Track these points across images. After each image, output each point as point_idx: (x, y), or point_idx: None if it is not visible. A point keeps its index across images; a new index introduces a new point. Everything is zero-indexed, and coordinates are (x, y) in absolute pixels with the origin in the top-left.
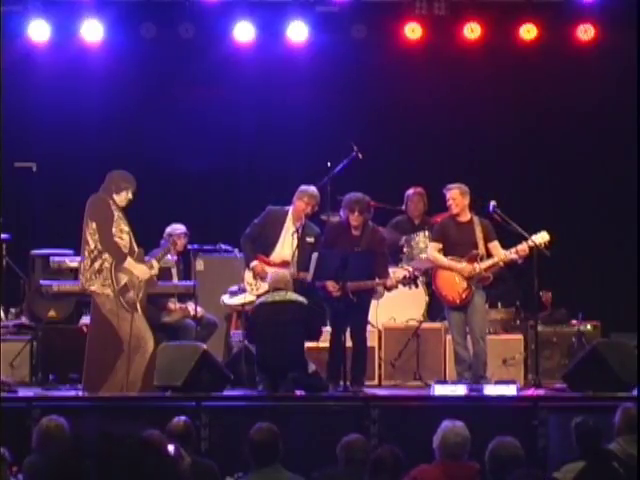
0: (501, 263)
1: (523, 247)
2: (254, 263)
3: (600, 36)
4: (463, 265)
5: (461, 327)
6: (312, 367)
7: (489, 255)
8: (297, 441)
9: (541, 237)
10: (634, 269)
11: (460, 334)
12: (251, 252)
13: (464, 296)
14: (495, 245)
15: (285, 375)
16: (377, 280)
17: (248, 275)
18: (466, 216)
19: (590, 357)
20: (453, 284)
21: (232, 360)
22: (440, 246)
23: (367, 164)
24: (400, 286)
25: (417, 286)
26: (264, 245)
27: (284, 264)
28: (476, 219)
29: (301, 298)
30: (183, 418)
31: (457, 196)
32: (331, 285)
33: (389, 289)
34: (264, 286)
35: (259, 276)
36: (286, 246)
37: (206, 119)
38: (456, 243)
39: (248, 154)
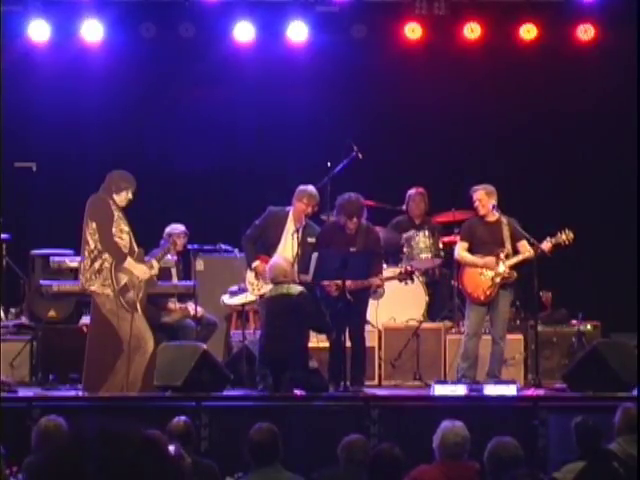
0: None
1: (547, 245)
2: (256, 263)
3: (600, 36)
4: (486, 259)
5: (479, 324)
6: (314, 364)
7: (517, 254)
8: (297, 441)
9: (565, 235)
10: (634, 269)
11: (475, 331)
12: (252, 252)
13: (488, 293)
14: (523, 244)
15: (286, 368)
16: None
17: (250, 275)
18: (493, 216)
19: (590, 357)
20: (478, 282)
21: (232, 360)
22: (467, 245)
23: (367, 164)
24: (397, 282)
25: (413, 281)
26: (265, 246)
27: None
28: (504, 219)
29: (298, 289)
30: (183, 418)
31: (483, 197)
32: (329, 285)
33: (380, 285)
34: (266, 286)
35: (262, 276)
36: (287, 247)
37: (206, 119)
38: (484, 242)
39: (248, 154)
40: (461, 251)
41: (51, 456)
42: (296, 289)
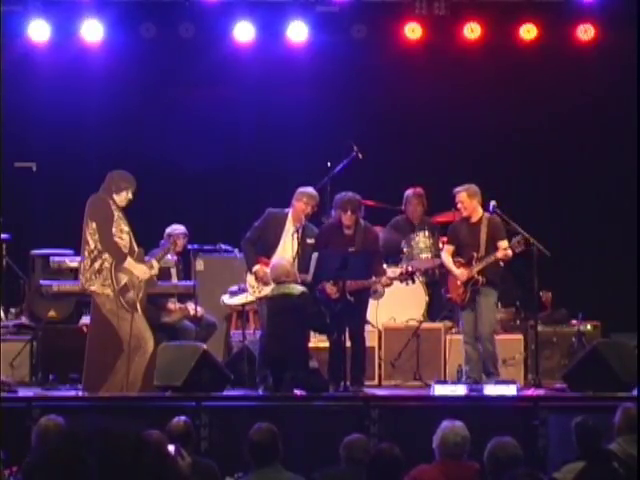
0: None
1: (505, 252)
2: (256, 267)
3: (600, 36)
4: (459, 271)
5: (470, 327)
6: (314, 364)
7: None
8: (297, 441)
9: (517, 242)
10: (634, 269)
11: (468, 334)
12: (252, 255)
13: (463, 297)
14: (501, 244)
15: (286, 368)
16: (374, 278)
17: (250, 277)
18: (476, 217)
19: (590, 357)
20: (455, 286)
21: (232, 360)
22: (452, 249)
23: (367, 164)
24: (397, 282)
25: (414, 281)
26: (265, 248)
27: None
28: (485, 219)
29: (300, 290)
30: (183, 418)
31: (465, 199)
32: (329, 288)
33: (385, 285)
34: (266, 289)
35: (261, 280)
36: (287, 248)
37: (206, 119)
38: (464, 244)
39: (248, 154)
40: (445, 255)
41: (50, 456)
42: (298, 289)
